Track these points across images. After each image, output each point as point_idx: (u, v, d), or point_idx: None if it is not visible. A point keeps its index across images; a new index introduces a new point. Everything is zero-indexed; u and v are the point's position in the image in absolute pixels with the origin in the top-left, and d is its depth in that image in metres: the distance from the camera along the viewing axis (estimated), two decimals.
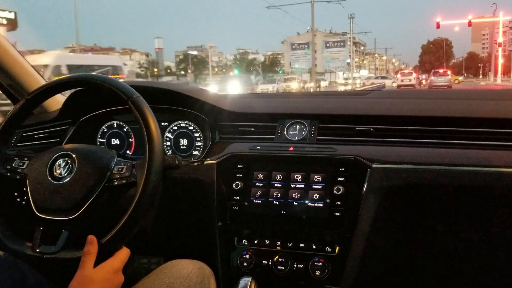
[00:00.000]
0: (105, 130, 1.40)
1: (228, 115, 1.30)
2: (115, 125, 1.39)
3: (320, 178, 1.09)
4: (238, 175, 1.14)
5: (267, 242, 1.12)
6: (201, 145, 1.33)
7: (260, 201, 1.11)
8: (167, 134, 1.35)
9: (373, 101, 1.42)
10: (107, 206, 0.91)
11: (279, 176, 1.12)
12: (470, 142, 1.10)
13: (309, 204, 1.07)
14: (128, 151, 1.39)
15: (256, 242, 1.13)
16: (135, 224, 0.84)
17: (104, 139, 1.40)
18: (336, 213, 1.05)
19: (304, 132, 1.22)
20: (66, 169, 0.90)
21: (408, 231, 1.15)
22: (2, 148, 0.97)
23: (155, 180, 0.86)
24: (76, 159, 0.90)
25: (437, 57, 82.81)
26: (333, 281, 1.06)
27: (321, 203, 1.07)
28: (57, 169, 0.90)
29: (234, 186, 1.13)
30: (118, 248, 0.84)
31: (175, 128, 1.35)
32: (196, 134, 1.33)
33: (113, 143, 1.40)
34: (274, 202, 1.10)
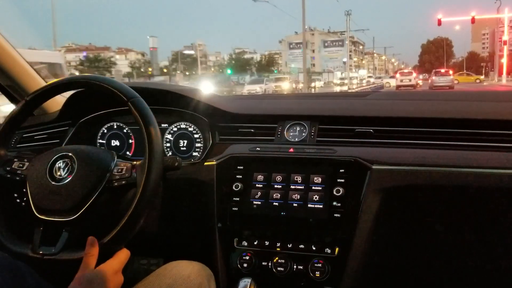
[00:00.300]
0: (105, 131, 1.40)
1: (228, 116, 1.30)
2: (115, 126, 1.39)
3: (320, 180, 1.09)
4: (238, 176, 1.14)
5: (267, 243, 1.13)
6: (201, 146, 1.33)
7: (260, 202, 1.11)
8: (167, 136, 1.35)
9: (373, 103, 1.42)
10: (107, 207, 0.91)
11: (279, 178, 1.12)
12: (470, 144, 1.10)
13: (309, 206, 1.07)
14: (128, 152, 1.39)
15: (256, 243, 1.14)
16: (135, 225, 0.85)
17: (104, 140, 1.40)
18: (336, 215, 1.05)
19: (304, 134, 1.22)
20: (66, 170, 0.90)
21: (408, 232, 1.15)
22: (2, 150, 0.97)
23: (155, 181, 0.86)
24: (76, 160, 0.90)
25: (437, 57, 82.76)
26: (333, 283, 1.06)
27: (321, 205, 1.07)
28: (57, 170, 0.90)
29: (234, 187, 1.13)
30: (118, 249, 0.85)
31: (175, 129, 1.35)
32: (196, 135, 1.33)
33: (113, 144, 1.40)
34: (274, 204, 1.10)
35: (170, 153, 1.35)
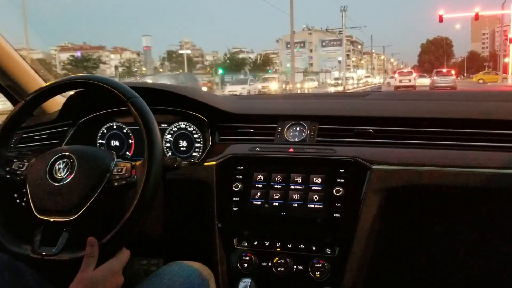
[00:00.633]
0: (105, 132, 1.40)
1: (228, 116, 1.30)
2: (115, 127, 1.39)
3: (320, 180, 1.09)
4: (238, 177, 1.14)
5: (267, 244, 1.13)
6: (201, 147, 1.33)
7: (260, 203, 1.11)
8: (167, 136, 1.35)
9: (373, 103, 1.42)
10: (107, 207, 0.91)
11: (279, 178, 1.12)
12: (470, 144, 1.10)
13: (309, 206, 1.07)
14: (128, 153, 1.39)
15: (256, 244, 1.14)
16: (135, 225, 0.84)
17: (104, 141, 1.40)
18: (336, 215, 1.05)
19: (304, 134, 1.22)
20: (66, 171, 0.90)
21: (408, 232, 1.15)
22: (2, 150, 0.97)
23: (155, 180, 0.86)
24: (76, 160, 0.90)
25: (437, 57, 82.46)
26: (333, 283, 1.06)
27: (321, 205, 1.07)
28: (57, 171, 0.90)
29: (234, 188, 1.13)
30: (119, 249, 0.84)
31: (175, 130, 1.35)
32: (196, 136, 1.33)
33: (113, 145, 1.40)
34: (274, 204, 1.10)
35: (170, 153, 1.35)
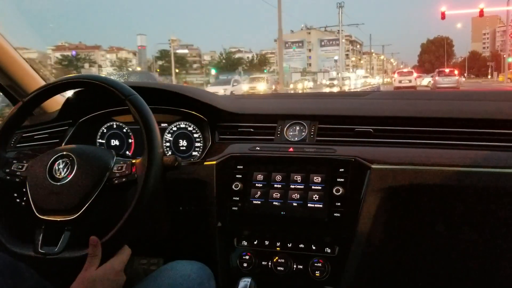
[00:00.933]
0: (105, 131, 1.40)
1: (228, 116, 1.30)
2: (115, 126, 1.39)
3: (320, 179, 1.09)
4: (238, 176, 1.14)
5: (267, 243, 1.13)
6: (201, 146, 1.33)
7: (260, 202, 1.11)
8: (167, 135, 1.35)
9: (373, 102, 1.42)
10: (108, 205, 0.92)
11: (279, 177, 1.12)
12: (470, 143, 1.10)
13: (309, 205, 1.07)
14: (128, 152, 1.39)
15: (256, 243, 1.14)
16: (136, 223, 0.84)
17: (104, 140, 1.40)
18: (336, 214, 1.05)
19: (304, 133, 1.22)
20: (66, 170, 0.90)
21: (408, 232, 1.15)
22: (1, 151, 0.97)
23: (156, 177, 0.86)
24: (76, 160, 0.91)
25: (437, 57, 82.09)
26: (333, 282, 1.06)
27: (321, 204, 1.07)
28: (57, 170, 0.90)
29: (234, 187, 1.13)
30: (120, 247, 0.85)
31: (175, 129, 1.35)
32: (196, 135, 1.33)
33: (113, 144, 1.40)
34: (274, 203, 1.10)
35: (170, 153, 1.35)
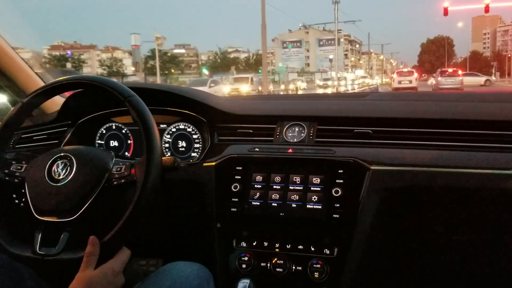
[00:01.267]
0: (104, 132, 1.40)
1: (227, 117, 1.30)
2: (114, 127, 1.39)
3: (319, 180, 1.09)
4: (237, 177, 1.14)
5: (266, 244, 1.13)
6: (200, 147, 1.33)
7: (259, 203, 1.11)
8: (166, 136, 1.35)
9: (372, 103, 1.42)
10: (107, 206, 0.92)
11: (278, 178, 1.12)
12: (469, 144, 1.10)
13: (308, 206, 1.07)
14: (127, 153, 1.39)
15: (255, 244, 1.14)
16: (135, 223, 0.84)
17: (103, 141, 1.40)
18: (335, 215, 1.05)
19: (303, 134, 1.22)
20: (65, 171, 0.90)
21: (407, 233, 1.15)
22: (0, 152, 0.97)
23: (155, 177, 0.86)
24: (75, 161, 0.90)
25: (438, 57, 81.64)
26: (332, 283, 1.06)
27: (320, 205, 1.07)
28: (56, 171, 0.90)
29: (233, 188, 1.13)
30: (119, 248, 0.85)
31: (174, 130, 1.35)
32: (195, 136, 1.33)
33: (112, 145, 1.40)
34: (273, 204, 1.10)
35: (169, 154, 1.35)
